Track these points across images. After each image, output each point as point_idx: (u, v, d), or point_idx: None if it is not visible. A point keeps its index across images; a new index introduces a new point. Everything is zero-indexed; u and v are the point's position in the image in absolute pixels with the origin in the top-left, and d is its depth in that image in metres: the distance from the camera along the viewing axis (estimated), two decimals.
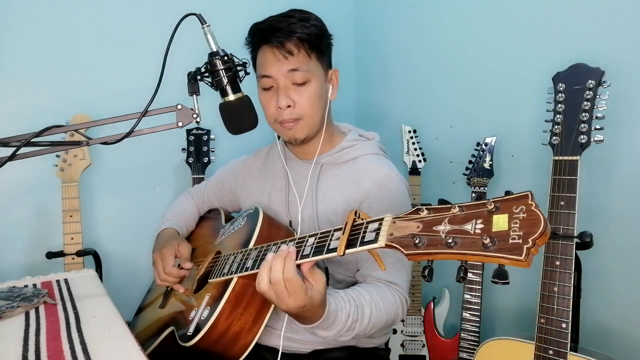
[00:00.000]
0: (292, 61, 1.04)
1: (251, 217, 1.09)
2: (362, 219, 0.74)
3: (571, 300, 1.17)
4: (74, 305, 1.01)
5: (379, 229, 0.68)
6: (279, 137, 1.24)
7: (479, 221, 0.57)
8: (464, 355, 1.61)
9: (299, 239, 0.83)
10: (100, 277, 1.28)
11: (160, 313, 1.19)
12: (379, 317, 0.96)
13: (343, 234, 0.72)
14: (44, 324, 0.92)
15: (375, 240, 0.66)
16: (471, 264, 1.59)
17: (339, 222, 1.07)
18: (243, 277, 0.91)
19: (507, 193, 0.58)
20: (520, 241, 0.52)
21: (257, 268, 0.86)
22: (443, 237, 0.58)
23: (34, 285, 1.13)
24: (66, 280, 1.17)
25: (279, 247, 0.84)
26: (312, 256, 0.76)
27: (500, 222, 0.55)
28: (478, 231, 0.56)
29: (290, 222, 1.15)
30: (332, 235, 0.76)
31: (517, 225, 0.54)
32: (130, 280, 1.73)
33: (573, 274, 1.18)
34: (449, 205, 0.61)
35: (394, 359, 1.85)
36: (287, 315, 0.93)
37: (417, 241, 0.60)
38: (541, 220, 0.52)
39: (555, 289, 1.19)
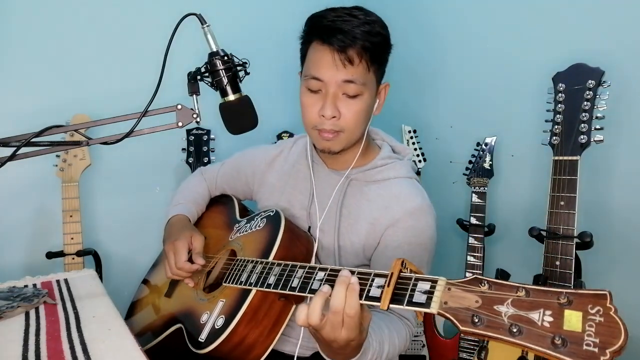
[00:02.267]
0: (351, 71, 0.94)
1: (271, 221, 1.05)
2: (408, 270, 0.69)
3: None
4: (74, 305, 1.01)
5: (431, 292, 0.63)
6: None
7: (548, 313, 0.53)
8: (464, 355, 1.61)
9: (331, 270, 0.78)
10: (100, 277, 1.28)
11: (166, 303, 1.17)
12: (394, 352, 0.94)
13: (388, 286, 0.67)
14: (44, 324, 0.92)
15: (427, 305, 0.62)
16: (470, 264, 1.59)
17: (360, 244, 1.05)
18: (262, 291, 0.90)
19: (579, 285, 0.55)
20: (596, 350, 0.48)
21: (281, 288, 0.83)
22: (506, 321, 0.54)
23: (34, 285, 1.13)
24: (66, 280, 1.17)
25: (306, 270, 0.81)
26: None
27: (573, 320, 0.51)
28: (547, 325, 0.52)
29: (310, 227, 1.11)
30: (373, 280, 0.71)
31: (593, 330, 0.50)
32: (130, 280, 1.73)
33: (573, 274, 1.18)
34: (514, 285, 0.57)
35: (393, 359, 1.85)
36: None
37: (475, 320, 0.56)
38: (622, 331, 0.49)
39: None
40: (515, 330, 0.53)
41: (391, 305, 0.65)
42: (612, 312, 0.50)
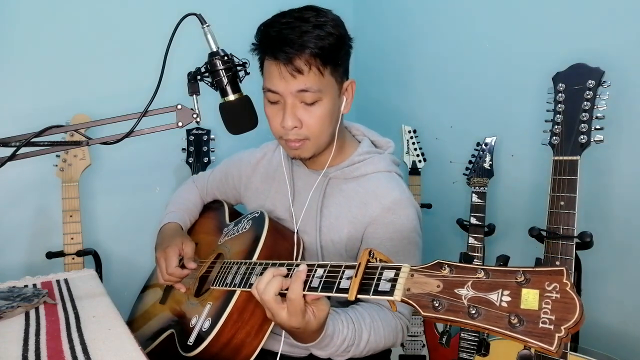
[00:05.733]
0: (302, 80, 0.93)
1: (256, 222, 1.06)
2: (376, 259, 0.70)
3: None
4: (74, 305, 1.01)
5: (395, 279, 0.64)
6: None
7: (506, 292, 0.53)
8: (464, 355, 1.61)
9: (308, 265, 0.80)
10: (100, 277, 1.28)
11: (160, 310, 1.18)
12: (377, 341, 0.94)
13: (356, 276, 0.68)
14: (44, 324, 0.92)
15: (390, 293, 0.63)
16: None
17: (342, 243, 1.05)
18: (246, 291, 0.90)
19: (538, 261, 0.54)
20: (552, 327, 0.48)
21: None
22: (465, 304, 0.54)
23: (34, 285, 1.13)
24: (66, 280, 1.17)
25: (285, 266, 0.82)
26: (320, 291, 0.74)
27: (529, 298, 0.51)
28: (504, 304, 0.52)
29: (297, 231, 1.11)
30: (343, 272, 0.72)
31: (549, 307, 0.49)
32: (130, 280, 1.73)
33: (573, 274, 1.18)
34: (474, 267, 0.57)
35: (394, 359, 1.85)
36: None
37: (436, 304, 0.56)
38: (577, 306, 0.48)
39: None
40: (473, 312, 0.53)
41: (359, 296, 0.66)
42: (568, 287, 0.50)
